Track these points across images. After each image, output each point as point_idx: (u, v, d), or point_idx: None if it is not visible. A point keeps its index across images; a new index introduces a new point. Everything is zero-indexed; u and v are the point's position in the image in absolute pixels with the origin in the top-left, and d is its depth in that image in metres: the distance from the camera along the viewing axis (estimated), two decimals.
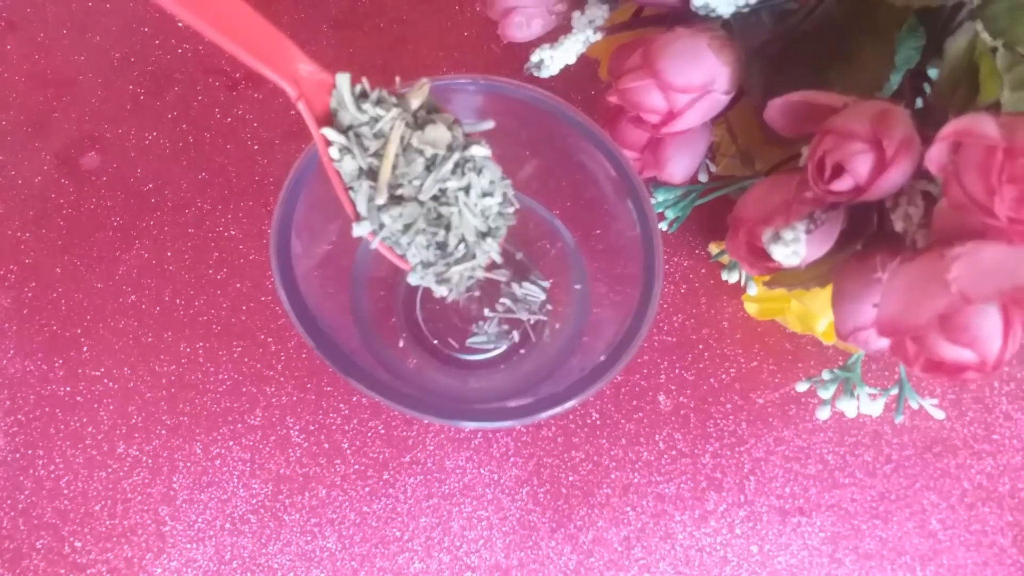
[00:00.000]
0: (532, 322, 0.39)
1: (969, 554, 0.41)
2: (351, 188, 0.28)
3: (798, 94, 0.28)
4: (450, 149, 0.28)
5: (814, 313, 0.38)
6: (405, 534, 0.38)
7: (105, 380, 0.39)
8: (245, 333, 0.39)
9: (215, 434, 0.38)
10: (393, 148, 0.28)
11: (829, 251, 0.30)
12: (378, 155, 0.28)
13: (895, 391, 0.37)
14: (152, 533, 0.38)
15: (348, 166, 0.28)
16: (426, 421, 0.39)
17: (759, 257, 0.30)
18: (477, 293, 0.39)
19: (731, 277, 0.40)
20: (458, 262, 0.30)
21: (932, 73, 0.32)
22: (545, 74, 0.32)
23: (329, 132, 0.28)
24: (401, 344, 0.38)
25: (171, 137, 0.41)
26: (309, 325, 0.29)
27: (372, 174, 0.28)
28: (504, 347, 0.38)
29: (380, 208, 0.28)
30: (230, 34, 0.24)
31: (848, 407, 0.37)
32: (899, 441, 0.41)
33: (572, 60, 0.32)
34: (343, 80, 0.28)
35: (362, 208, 0.28)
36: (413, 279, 0.30)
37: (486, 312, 0.39)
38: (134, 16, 0.43)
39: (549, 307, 0.39)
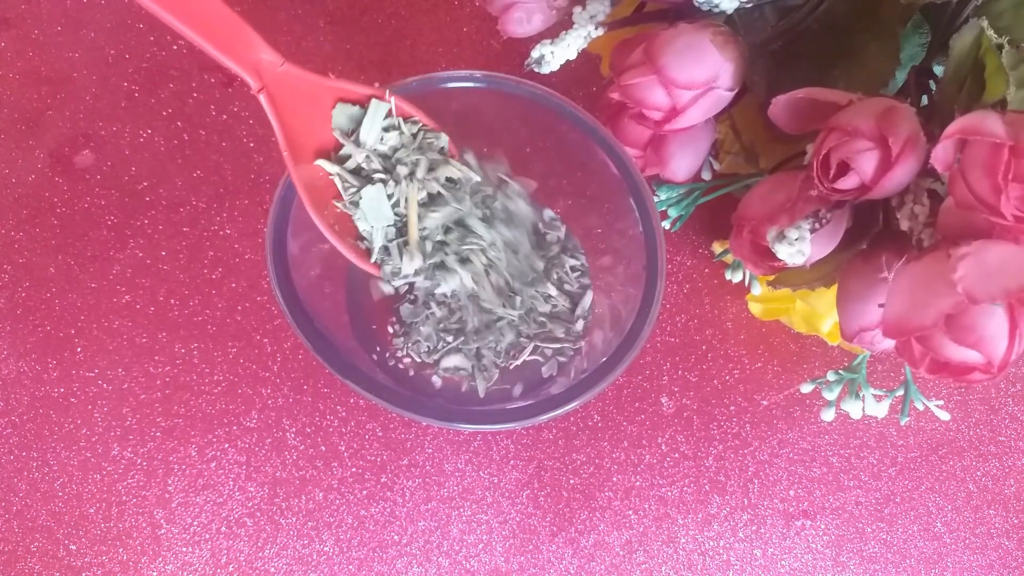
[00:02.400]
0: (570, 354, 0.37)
1: (974, 557, 0.40)
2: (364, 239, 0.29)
3: (802, 91, 0.28)
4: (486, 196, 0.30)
5: (819, 313, 0.37)
6: (403, 538, 0.38)
7: (99, 381, 0.38)
8: (240, 334, 0.39)
9: (210, 436, 0.38)
10: (415, 212, 0.29)
11: (834, 250, 0.30)
12: (391, 175, 0.28)
13: (900, 392, 0.37)
14: (147, 536, 0.37)
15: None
16: (425, 424, 0.38)
17: (763, 256, 0.30)
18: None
19: (735, 277, 0.39)
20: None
21: (937, 70, 0.32)
22: (546, 70, 0.32)
23: (326, 164, 0.27)
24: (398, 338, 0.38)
25: (166, 135, 0.41)
26: (305, 326, 0.29)
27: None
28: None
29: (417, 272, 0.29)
30: (181, 15, 0.22)
31: (853, 409, 0.37)
32: (904, 443, 0.41)
33: (573, 56, 0.32)
34: (378, 110, 0.27)
35: (407, 268, 0.29)
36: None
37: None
38: (129, 13, 0.42)
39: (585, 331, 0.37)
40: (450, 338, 0.35)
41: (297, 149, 0.27)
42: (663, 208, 0.39)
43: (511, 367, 0.35)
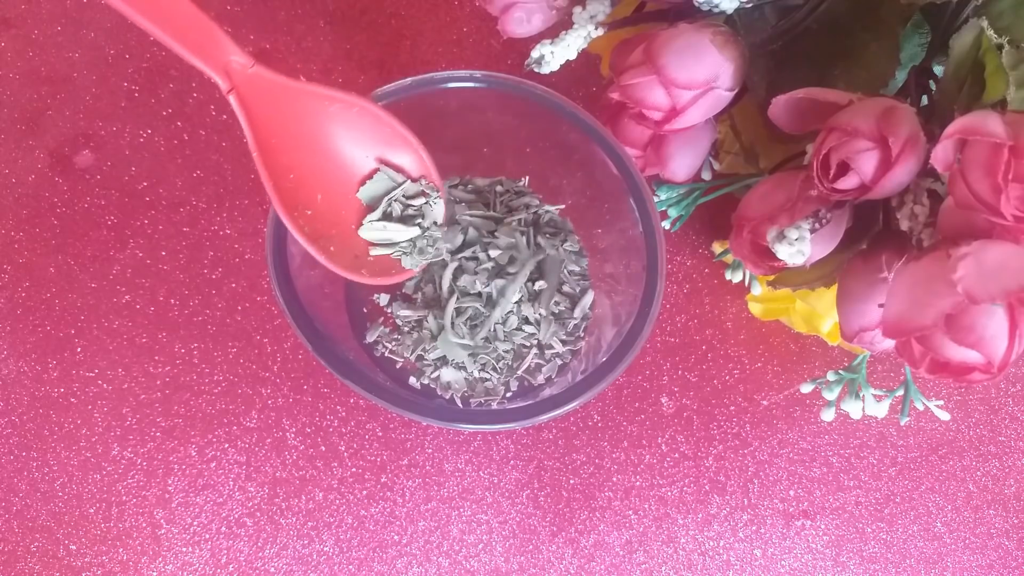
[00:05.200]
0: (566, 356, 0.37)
1: (974, 557, 0.40)
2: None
3: (802, 91, 0.28)
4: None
5: (819, 313, 0.37)
6: (403, 538, 0.38)
7: (99, 381, 0.38)
8: (240, 334, 0.39)
9: (210, 436, 0.38)
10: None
11: (834, 250, 0.30)
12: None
13: (900, 392, 0.37)
14: (147, 536, 0.37)
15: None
16: (425, 424, 0.38)
17: (763, 256, 0.30)
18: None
19: (735, 277, 0.39)
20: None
21: (937, 70, 0.32)
22: (546, 70, 0.32)
23: (369, 234, 0.29)
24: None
25: (165, 135, 0.41)
26: (306, 326, 0.29)
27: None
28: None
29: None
30: (149, 14, 0.22)
31: (853, 409, 0.37)
32: (904, 443, 0.41)
33: (573, 56, 0.32)
34: (388, 185, 0.31)
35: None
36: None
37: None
38: None
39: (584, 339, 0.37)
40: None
41: (268, 151, 0.27)
42: (663, 208, 0.39)
43: (513, 377, 0.35)
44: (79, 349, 0.38)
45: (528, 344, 0.35)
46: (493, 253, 0.34)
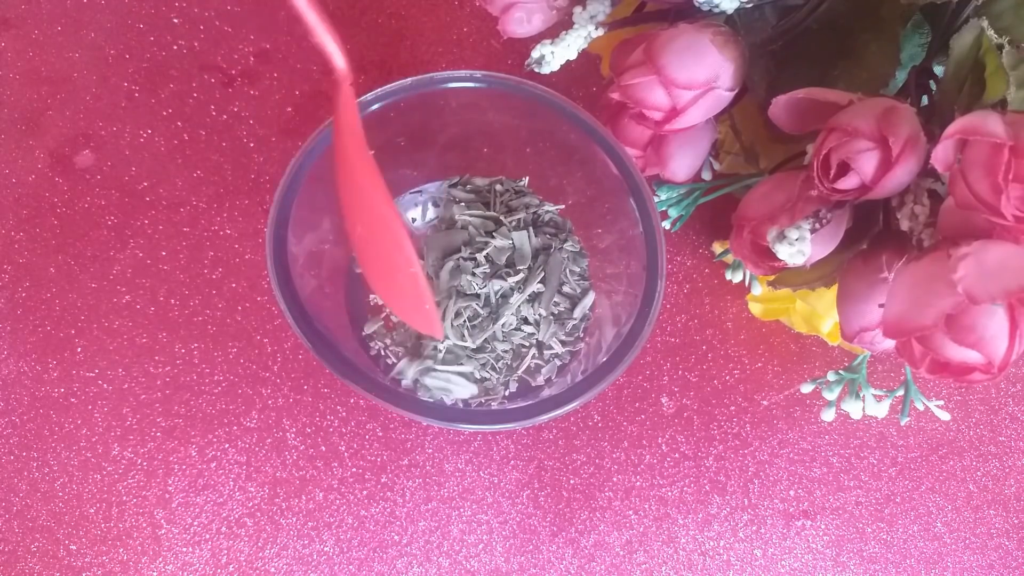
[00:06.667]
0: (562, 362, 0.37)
1: (975, 557, 0.40)
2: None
3: (803, 91, 0.28)
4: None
5: (819, 313, 0.37)
6: (404, 538, 0.38)
7: (99, 381, 0.38)
8: (241, 334, 0.39)
9: (210, 436, 0.38)
10: None
11: (834, 250, 0.30)
12: None
13: (901, 392, 0.37)
14: (147, 536, 0.37)
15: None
16: (425, 424, 0.38)
17: (763, 256, 0.30)
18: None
19: (735, 277, 0.39)
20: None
21: (938, 70, 0.32)
22: (546, 70, 0.32)
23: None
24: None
25: (166, 135, 0.41)
26: (306, 326, 0.29)
27: None
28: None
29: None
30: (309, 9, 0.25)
31: (853, 409, 0.37)
32: (904, 443, 0.41)
33: (573, 56, 0.32)
34: None
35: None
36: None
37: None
38: (129, 13, 0.42)
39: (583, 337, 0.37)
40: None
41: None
42: (663, 208, 0.39)
43: (513, 377, 0.35)
44: (79, 349, 0.38)
45: (527, 344, 0.35)
46: (492, 254, 0.34)
